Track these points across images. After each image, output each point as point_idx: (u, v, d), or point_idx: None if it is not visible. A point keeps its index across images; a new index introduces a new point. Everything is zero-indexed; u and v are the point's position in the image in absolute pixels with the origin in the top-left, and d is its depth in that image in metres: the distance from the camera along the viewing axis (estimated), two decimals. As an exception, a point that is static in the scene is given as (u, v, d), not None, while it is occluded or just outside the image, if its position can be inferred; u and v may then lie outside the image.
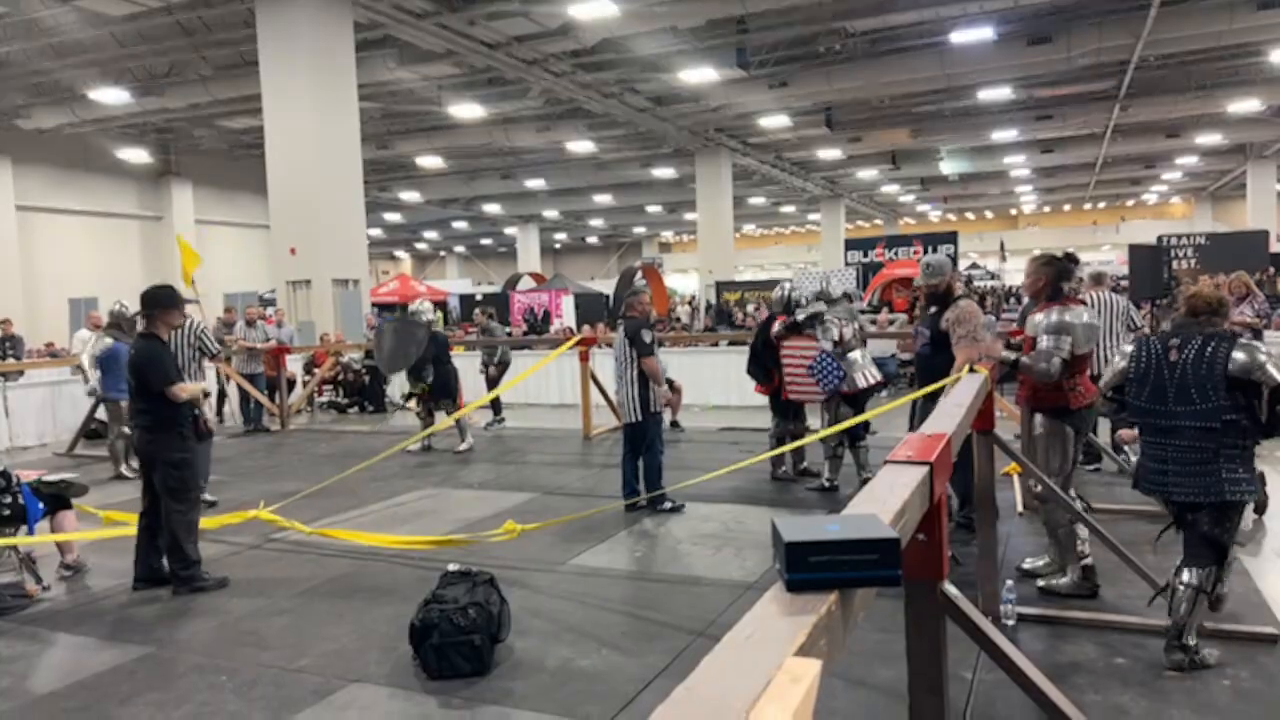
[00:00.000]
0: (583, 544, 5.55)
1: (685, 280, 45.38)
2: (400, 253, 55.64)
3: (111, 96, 18.49)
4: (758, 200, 38.61)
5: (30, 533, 5.19)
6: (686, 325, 23.91)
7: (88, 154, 23.46)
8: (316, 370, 13.26)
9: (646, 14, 14.17)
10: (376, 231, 42.04)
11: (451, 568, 4.13)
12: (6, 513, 5.00)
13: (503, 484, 7.69)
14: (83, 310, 15.65)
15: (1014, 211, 48.59)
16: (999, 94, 19.99)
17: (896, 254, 21.63)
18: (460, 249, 56.51)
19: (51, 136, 22.00)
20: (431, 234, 49.29)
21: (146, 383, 5.01)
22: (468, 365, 13.12)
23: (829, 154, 27.57)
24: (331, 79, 13.06)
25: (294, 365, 13.00)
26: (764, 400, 7.70)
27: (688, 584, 4.85)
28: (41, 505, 5.19)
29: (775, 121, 22.56)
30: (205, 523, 5.47)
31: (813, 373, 6.67)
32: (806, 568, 1.16)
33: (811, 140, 25.94)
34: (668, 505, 6.31)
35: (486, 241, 52.76)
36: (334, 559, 5.52)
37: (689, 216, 36.93)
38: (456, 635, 3.69)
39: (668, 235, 54.62)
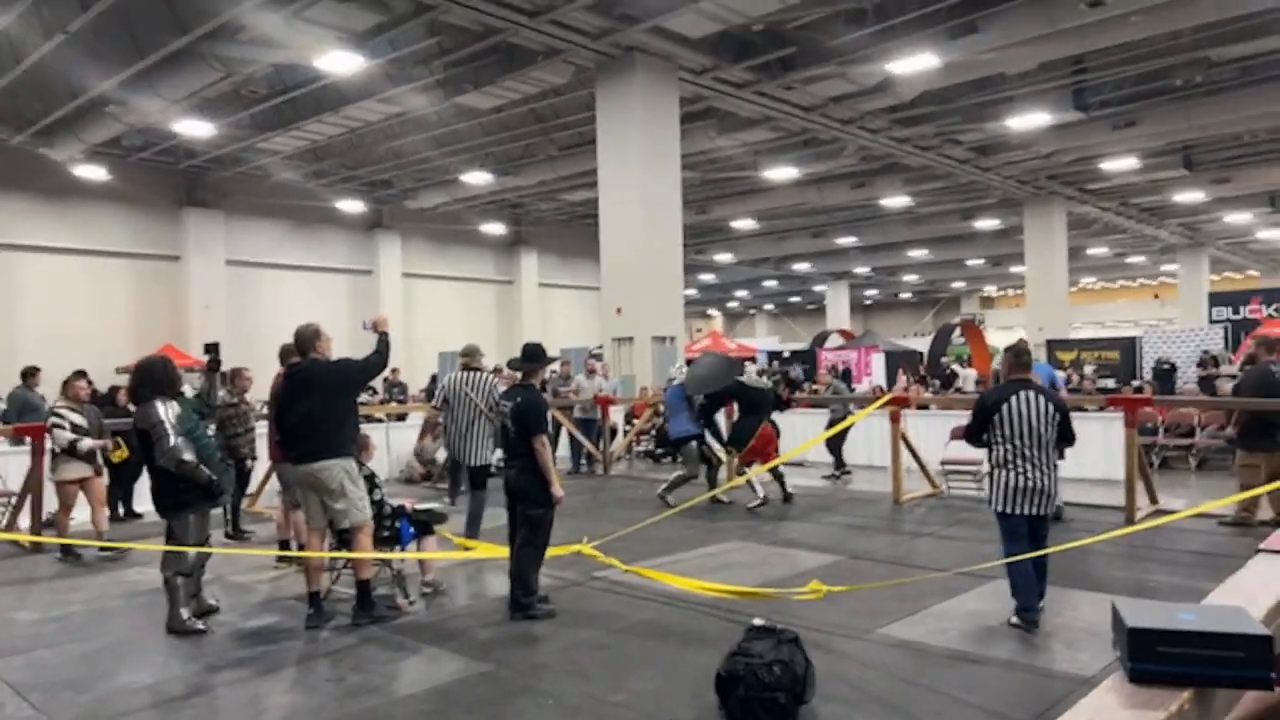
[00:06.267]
0: (892, 614, 5.32)
1: (1011, 338, 42.09)
2: (713, 311, 57.77)
3: (477, 179, 21.55)
4: (1098, 250, 35.08)
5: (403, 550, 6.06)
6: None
7: (457, 228, 27.35)
8: (635, 421, 14.14)
9: (971, 63, 13.66)
10: (692, 292, 44.07)
11: (756, 622, 4.15)
12: (386, 534, 5.90)
13: (808, 543, 7.61)
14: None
15: None
16: None
17: (1279, 310, 18.42)
18: (769, 307, 57.45)
19: (430, 214, 25.99)
20: (742, 293, 50.68)
21: (527, 427, 5.56)
22: (810, 423, 13.05)
23: (1188, 197, 24.44)
24: (659, 152, 14.08)
25: (615, 415, 13.97)
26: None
27: (1010, 669, 4.45)
28: (412, 530, 6.05)
29: (1121, 165, 20.50)
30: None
31: None
32: (1154, 658, 1.05)
33: (1166, 183, 23.18)
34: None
35: (795, 299, 53.13)
36: (646, 601, 5.81)
37: (1016, 269, 34.48)
38: (761, 690, 3.71)
39: (990, 290, 51.26)
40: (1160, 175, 21.95)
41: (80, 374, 8.29)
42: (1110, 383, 17.97)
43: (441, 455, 12.03)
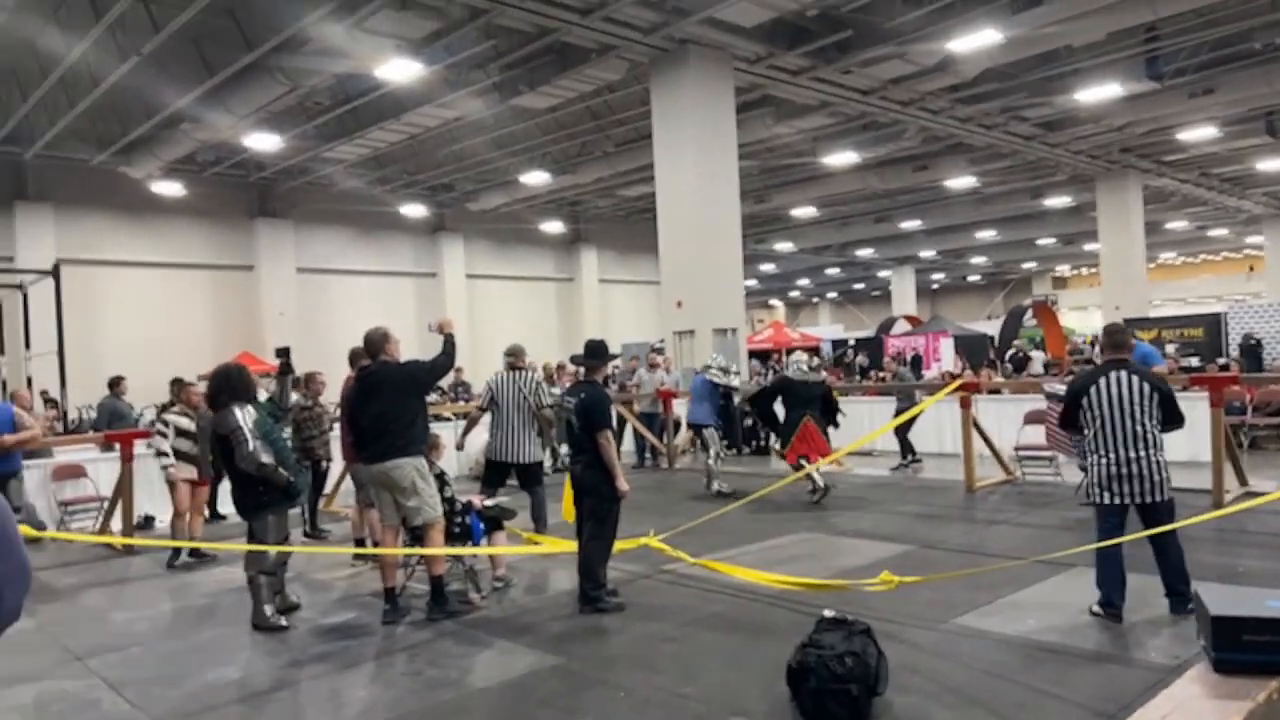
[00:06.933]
0: (967, 604, 5.20)
1: (1086, 318, 40.83)
2: (774, 301, 57.28)
3: (536, 178, 21.76)
4: (1177, 224, 33.71)
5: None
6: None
7: (517, 228, 27.66)
8: (699, 414, 14.09)
9: (1035, 37, 13.24)
10: (752, 282, 43.75)
11: (827, 613, 4.11)
12: (457, 530, 6.01)
13: (878, 533, 7.50)
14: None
15: None
16: None
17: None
18: (832, 295, 56.68)
19: (491, 215, 26.34)
20: (804, 281, 50.12)
21: (591, 422, 5.62)
22: (877, 411, 13.03)
23: (1273, 165, 23.29)
24: (715, 143, 14.00)
25: (679, 409, 13.94)
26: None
27: (1093, 660, 4.31)
28: (482, 526, 6.16)
29: (1199, 134, 19.66)
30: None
31: None
32: (1239, 646, 1.01)
33: (1248, 151, 22.17)
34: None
35: (859, 286, 52.32)
36: (715, 594, 5.80)
37: (1090, 247, 33.34)
38: (833, 683, 3.67)
39: (1063, 269, 49.70)
40: (1242, 144, 21.00)
41: (179, 381, 8.61)
42: (1194, 360, 17.25)
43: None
